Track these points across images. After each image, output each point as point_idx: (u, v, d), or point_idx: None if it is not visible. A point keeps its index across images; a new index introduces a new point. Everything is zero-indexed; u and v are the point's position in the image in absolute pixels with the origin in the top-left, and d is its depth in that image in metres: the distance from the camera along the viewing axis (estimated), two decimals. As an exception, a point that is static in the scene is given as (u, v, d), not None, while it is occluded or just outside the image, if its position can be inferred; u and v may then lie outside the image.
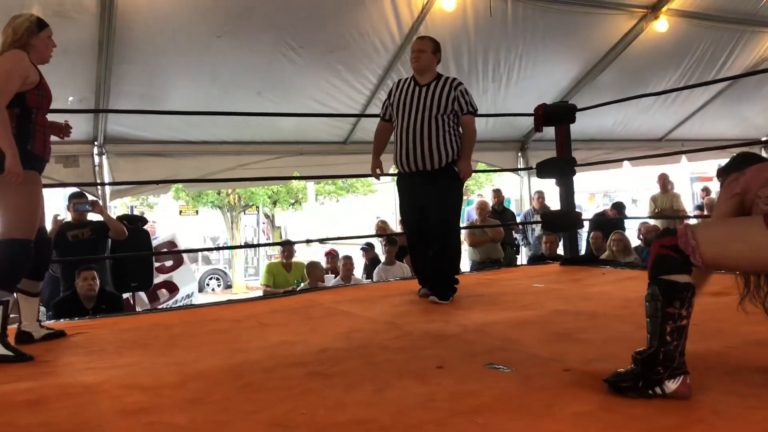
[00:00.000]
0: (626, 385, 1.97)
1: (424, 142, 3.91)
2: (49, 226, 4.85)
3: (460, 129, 4.04)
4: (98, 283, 5.03)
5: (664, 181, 9.00)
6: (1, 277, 2.90)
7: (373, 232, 8.36)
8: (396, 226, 8.66)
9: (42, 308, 5.37)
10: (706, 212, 9.30)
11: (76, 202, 5.61)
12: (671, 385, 1.92)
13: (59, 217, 6.15)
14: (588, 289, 4.30)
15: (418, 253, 4.23)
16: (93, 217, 5.76)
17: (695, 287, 1.96)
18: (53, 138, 3.25)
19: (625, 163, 8.66)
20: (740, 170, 2.17)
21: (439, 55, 4.13)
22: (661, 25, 7.09)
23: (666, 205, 8.86)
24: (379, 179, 4.48)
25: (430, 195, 3.99)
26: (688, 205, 12.02)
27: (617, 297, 3.91)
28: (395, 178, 4.27)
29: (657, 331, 1.95)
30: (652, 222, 8.18)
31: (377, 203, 23.69)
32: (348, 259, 7.03)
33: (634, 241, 7.48)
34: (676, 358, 1.92)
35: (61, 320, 4.15)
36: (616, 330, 2.96)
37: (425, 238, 4.11)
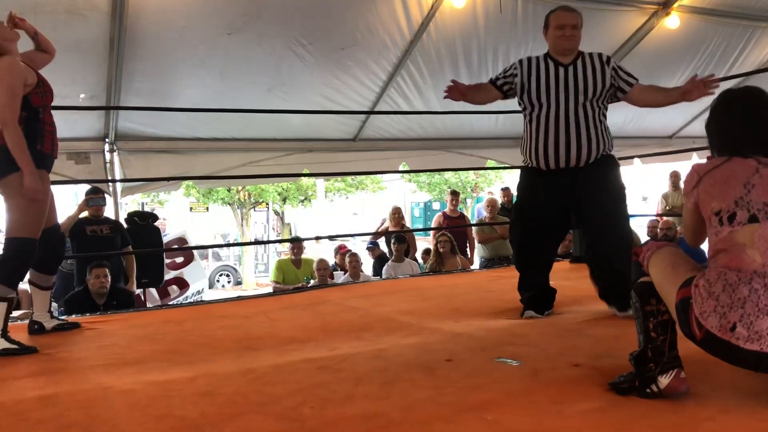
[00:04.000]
0: (625, 386, 1.99)
1: (580, 132, 3.23)
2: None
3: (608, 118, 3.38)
4: (110, 280, 5.06)
5: (675, 178, 8.96)
6: (5, 274, 2.93)
7: (381, 230, 8.33)
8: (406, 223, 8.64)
9: (54, 303, 5.44)
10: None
11: (90, 197, 5.70)
12: (664, 380, 1.91)
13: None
14: (598, 286, 4.28)
15: (534, 264, 3.50)
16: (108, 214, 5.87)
17: None
18: (65, 134, 3.27)
19: (636, 160, 8.60)
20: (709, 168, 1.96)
21: None
22: (672, 21, 7.04)
23: (677, 203, 8.81)
24: (453, 85, 3.43)
25: (583, 192, 3.28)
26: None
27: (627, 294, 3.90)
28: (404, 175, 4.18)
29: (642, 329, 1.97)
30: (661, 219, 8.15)
31: (387, 200, 23.71)
32: (354, 256, 7.03)
33: (643, 238, 7.44)
34: (665, 352, 1.92)
35: (72, 315, 4.17)
36: (626, 326, 2.95)
37: (552, 246, 3.55)
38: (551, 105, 3.28)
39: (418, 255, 8.14)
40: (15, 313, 3.99)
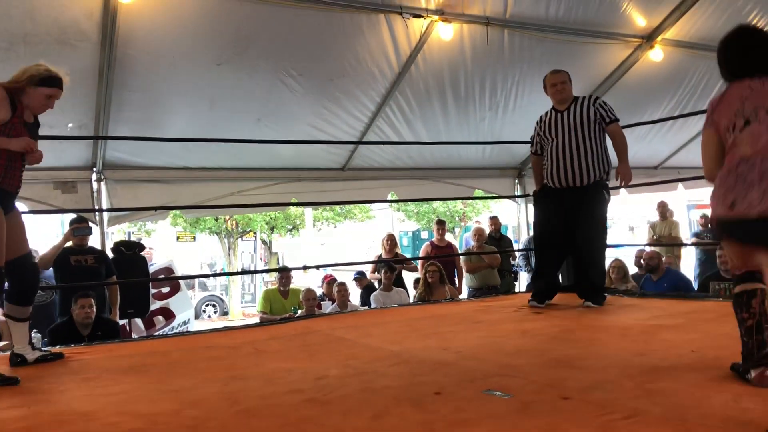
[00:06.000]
0: (738, 370, 2.38)
1: (573, 159, 4.43)
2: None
3: (605, 145, 4.52)
4: (95, 310, 5.00)
5: (663, 208, 9.03)
6: None
7: (369, 259, 8.32)
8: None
9: (37, 335, 5.37)
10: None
11: (75, 227, 5.64)
12: (752, 374, 2.28)
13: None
14: (586, 316, 4.29)
15: (546, 264, 4.71)
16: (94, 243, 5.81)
17: (748, 290, 2.36)
18: (52, 163, 3.26)
19: (622, 190, 8.63)
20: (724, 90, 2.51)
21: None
22: (656, 54, 7.15)
23: (664, 233, 8.87)
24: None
25: (577, 210, 4.45)
26: (685, 233, 12.04)
27: (615, 324, 3.90)
28: (392, 204, 4.42)
29: (741, 333, 2.38)
30: (648, 249, 8.19)
31: (375, 229, 23.72)
32: (342, 286, 7.00)
33: (631, 268, 7.48)
34: (754, 353, 2.30)
35: (57, 346, 4.11)
36: (615, 357, 2.94)
37: (561, 250, 4.68)
38: (556, 140, 4.51)
39: (410, 284, 8.10)
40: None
